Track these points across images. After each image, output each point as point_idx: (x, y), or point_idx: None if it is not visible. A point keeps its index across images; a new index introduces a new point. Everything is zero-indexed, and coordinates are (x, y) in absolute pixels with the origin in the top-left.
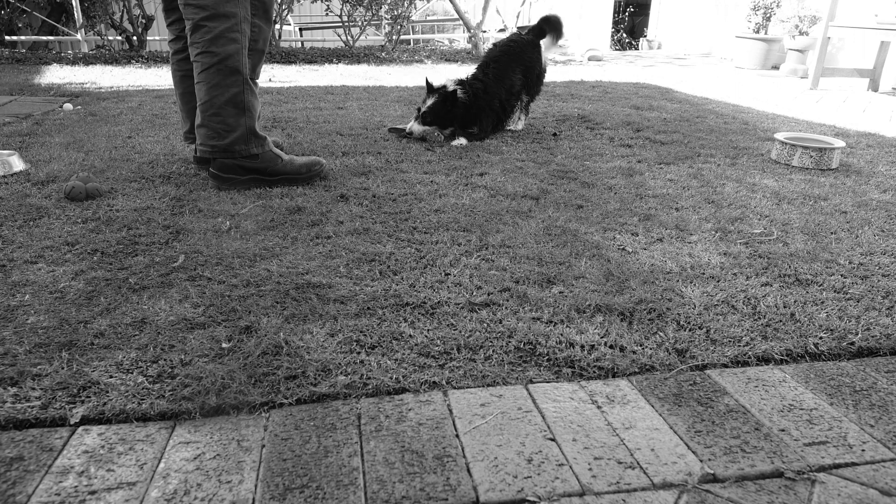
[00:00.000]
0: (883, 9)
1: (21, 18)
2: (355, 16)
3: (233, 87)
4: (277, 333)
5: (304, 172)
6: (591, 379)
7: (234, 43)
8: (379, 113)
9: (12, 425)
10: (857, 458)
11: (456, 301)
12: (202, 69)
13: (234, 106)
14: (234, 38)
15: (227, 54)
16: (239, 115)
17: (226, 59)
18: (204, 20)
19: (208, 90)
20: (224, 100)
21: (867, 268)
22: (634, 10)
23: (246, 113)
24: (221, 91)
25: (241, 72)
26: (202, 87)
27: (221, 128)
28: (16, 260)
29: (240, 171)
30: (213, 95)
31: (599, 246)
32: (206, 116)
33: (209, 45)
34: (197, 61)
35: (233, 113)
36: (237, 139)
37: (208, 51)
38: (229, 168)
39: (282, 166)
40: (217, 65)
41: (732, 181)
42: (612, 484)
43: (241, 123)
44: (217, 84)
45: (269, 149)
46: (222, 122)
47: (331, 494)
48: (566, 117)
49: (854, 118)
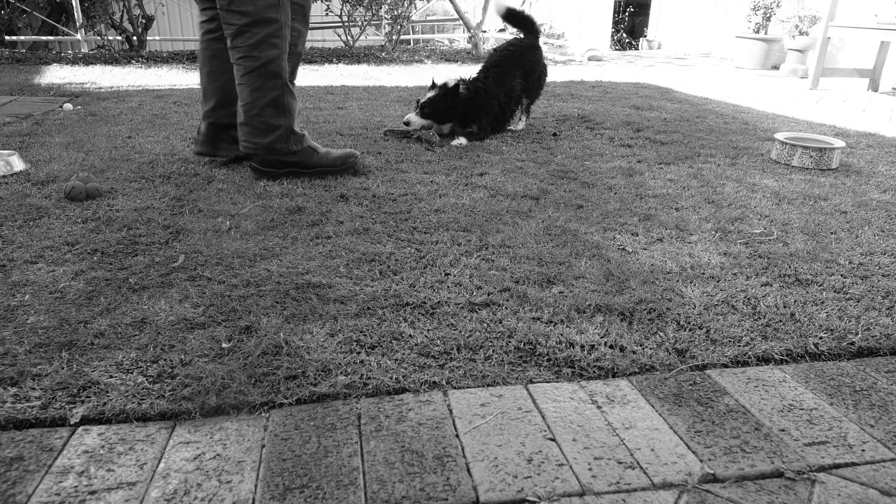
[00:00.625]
0: (883, 9)
1: (21, 18)
2: (355, 16)
3: (273, 91)
4: (277, 333)
5: (339, 164)
6: (591, 379)
7: (276, 48)
8: (379, 113)
9: (12, 425)
10: (857, 458)
11: (456, 301)
12: (245, 72)
13: (274, 107)
14: (275, 44)
15: (268, 59)
16: (279, 115)
17: (267, 63)
18: (247, 26)
19: (251, 92)
20: (265, 102)
21: (867, 268)
22: (634, 10)
23: (286, 114)
24: (263, 94)
25: (282, 76)
26: (244, 89)
27: (263, 127)
28: (16, 260)
29: (279, 164)
30: (255, 97)
31: (599, 246)
32: (248, 116)
33: (251, 49)
34: (238, 64)
35: (273, 114)
36: (278, 138)
37: (250, 55)
38: (269, 163)
39: (318, 159)
40: (259, 69)
41: (732, 181)
42: (612, 484)
43: (282, 124)
44: (259, 87)
45: (307, 144)
46: (264, 122)
47: (331, 494)
48: (566, 117)
49: (854, 118)
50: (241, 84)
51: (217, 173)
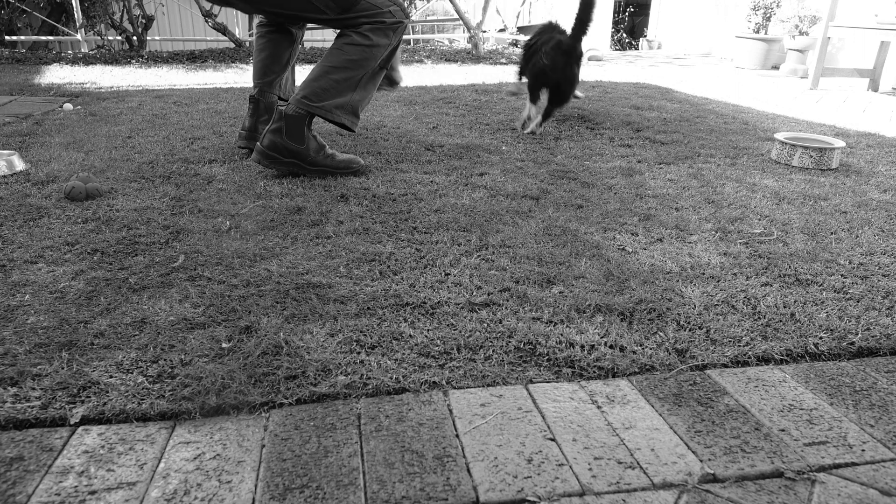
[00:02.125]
0: (883, 9)
1: (21, 18)
2: None
3: (362, 70)
4: (277, 333)
5: (342, 168)
6: (591, 379)
7: (388, 39)
8: (379, 113)
9: (12, 425)
10: (857, 458)
11: (456, 301)
12: (350, 42)
13: (353, 82)
14: (389, 35)
15: (378, 44)
16: (349, 90)
17: (375, 47)
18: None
19: (345, 60)
20: (349, 76)
21: (867, 268)
22: (634, 10)
23: (357, 90)
24: (354, 68)
25: (377, 61)
26: (340, 55)
27: (325, 94)
28: (16, 260)
29: (284, 151)
30: (344, 65)
31: (599, 246)
32: (317, 79)
33: (370, 31)
34: (348, 35)
35: (345, 88)
36: (338, 105)
37: (366, 34)
38: (276, 147)
39: (323, 158)
40: (366, 48)
41: (732, 181)
42: (612, 484)
43: (348, 97)
44: (354, 60)
45: (316, 136)
46: (333, 89)
47: (331, 494)
48: (566, 117)
49: (854, 118)
50: (339, 49)
51: (217, 173)
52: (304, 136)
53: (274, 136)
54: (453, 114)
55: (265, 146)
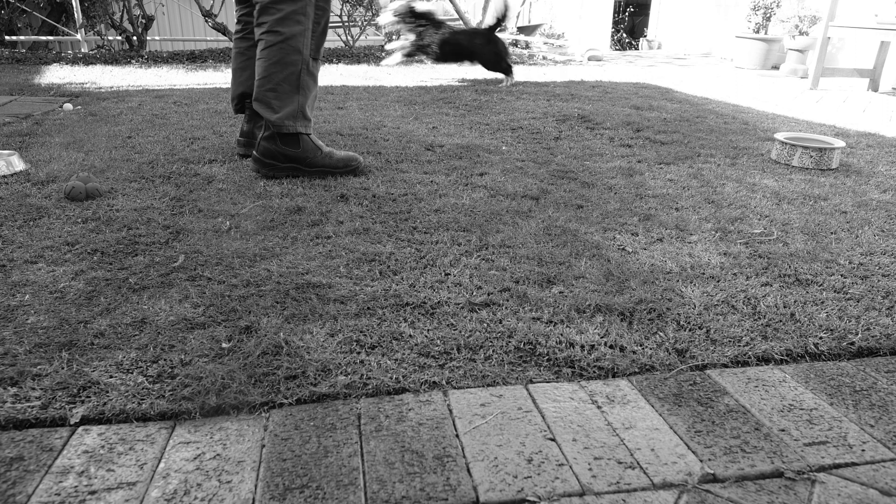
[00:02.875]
0: (883, 9)
1: (21, 18)
2: (355, 16)
3: (291, 66)
4: (277, 333)
5: (342, 167)
6: (591, 379)
7: (299, 25)
8: (379, 113)
9: (12, 425)
10: (857, 458)
11: (456, 301)
12: (266, 46)
13: (289, 84)
14: (299, 21)
15: (291, 34)
16: (293, 92)
17: (290, 38)
18: (274, 3)
19: (268, 66)
20: (282, 77)
21: (867, 268)
22: (634, 10)
23: (300, 91)
24: (280, 68)
25: (302, 52)
26: (262, 62)
27: (275, 103)
28: (16, 260)
29: (281, 157)
30: (271, 72)
31: (599, 246)
32: (262, 91)
33: (276, 24)
34: (262, 39)
35: (287, 90)
36: (288, 115)
37: (274, 30)
38: (272, 154)
39: (321, 158)
40: (280, 43)
41: (732, 181)
42: (612, 484)
43: (294, 101)
44: (277, 61)
45: (311, 136)
46: (277, 97)
47: (331, 494)
48: (566, 117)
49: (854, 118)
50: (261, 58)
51: (217, 173)
52: (298, 139)
53: (268, 143)
54: (453, 114)
55: (261, 154)
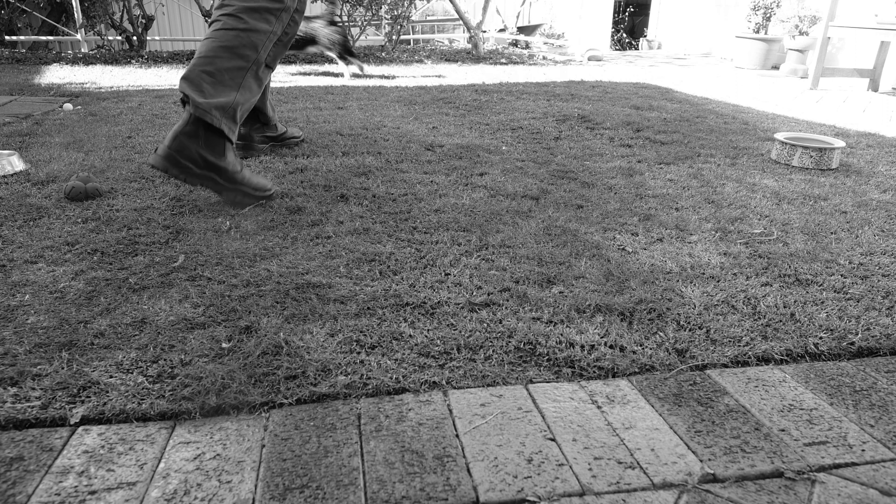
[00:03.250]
0: (883, 9)
1: (21, 18)
2: (355, 16)
3: (240, 60)
4: (277, 333)
5: (258, 193)
6: (591, 379)
7: (267, 24)
8: (379, 113)
9: (12, 425)
10: (857, 458)
11: (456, 301)
12: (222, 28)
13: (231, 77)
14: (268, 20)
15: (255, 28)
16: (232, 87)
17: (252, 31)
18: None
19: (216, 48)
20: (227, 65)
21: (867, 268)
22: (634, 10)
23: (240, 90)
24: (229, 56)
25: (259, 52)
26: (211, 42)
27: (208, 87)
28: (16, 260)
29: (200, 161)
30: (218, 55)
31: (599, 246)
32: (197, 70)
33: (243, 11)
34: (219, 20)
35: (227, 81)
36: (218, 105)
37: (239, 16)
38: (190, 154)
39: (242, 177)
40: (240, 31)
41: (732, 181)
42: (612, 484)
43: (230, 95)
44: (229, 47)
45: (233, 151)
46: (213, 83)
47: (331, 494)
48: (566, 117)
49: (854, 118)
50: (211, 38)
51: None
52: (224, 147)
53: (189, 140)
54: (453, 114)
55: (176, 150)
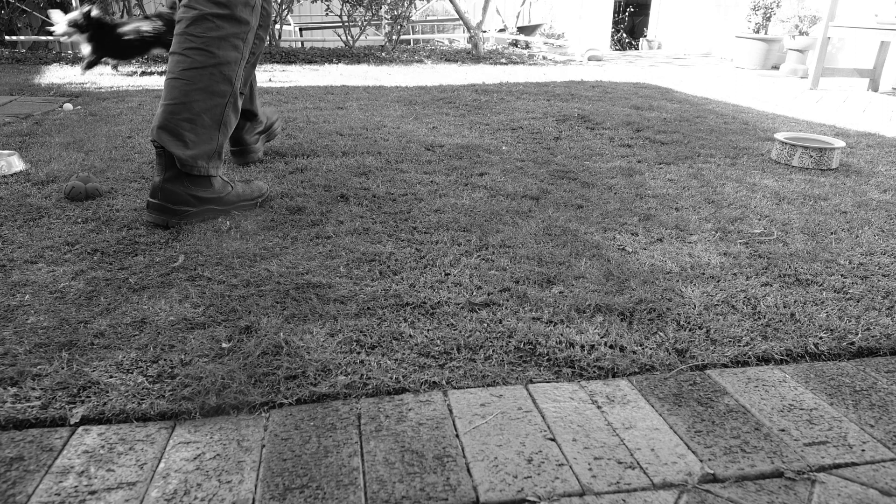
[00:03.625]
0: (883, 9)
1: (21, 18)
2: (355, 16)
3: (218, 98)
4: (277, 333)
5: (256, 197)
6: (591, 379)
7: (236, 51)
8: (379, 113)
9: (12, 425)
10: (857, 458)
11: (456, 301)
12: (191, 66)
13: (212, 117)
14: (236, 46)
15: (226, 60)
16: (213, 128)
17: (223, 64)
18: (215, 16)
19: (191, 91)
20: (205, 107)
21: (867, 268)
22: (634, 10)
23: (221, 128)
24: (206, 98)
25: (233, 83)
26: (183, 85)
27: (190, 136)
28: (16, 260)
29: (193, 202)
30: (194, 99)
31: (599, 246)
32: (175, 119)
33: (210, 43)
34: (185, 55)
35: (208, 125)
36: (203, 154)
37: (208, 50)
38: (181, 199)
39: (236, 194)
40: (213, 68)
41: (732, 181)
42: (612, 484)
43: (213, 139)
44: (204, 88)
45: (220, 175)
46: (194, 130)
47: (331, 494)
48: (566, 117)
49: (854, 118)
50: (180, 79)
51: None
52: (210, 179)
53: (175, 186)
54: (453, 114)
55: (166, 200)
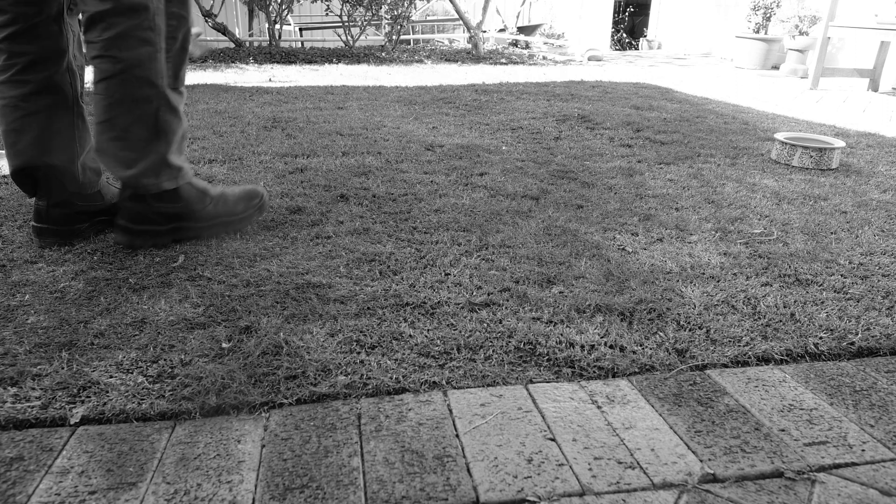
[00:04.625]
0: (883, 9)
1: None
2: (355, 16)
3: (142, 105)
4: (277, 333)
5: (241, 212)
6: (591, 379)
7: (146, 45)
8: (379, 113)
9: (12, 425)
10: (857, 458)
11: (456, 301)
12: (102, 77)
13: (143, 128)
14: (144, 39)
15: (136, 60)
16: (150, 139)
17: (134, 66)
18: (104, 14)
19: (109, 106)
20: (130, 120)
21: (867, 268)
22: (634, 10)
23: (160, 136)
24: (127, 109)
25: (156, 83)
26: (101, 101)
27: (126, 155)
28: (16, 260)
29: (160, 219)
30: (114, 114)
31: (599, 246)
32: (104, 140)
33: (110, 46)
34: (95, 67)
35: (142, 137)
36: (146, 170)
37: (109, 54)
38: (145, 217)
39: (213, 206)
40: (122, 74)
41: (732, 181)
42: (612, 484)
43: (153, 150)
44: (121, 99)
45: (189, 181)
46: (127, 147)
47: (331, 494)
48: (566, 117)
49: (854, 118)
50: (98, 94)
51: (217, 173)
52: (177, 190)
53: (136, 203)
54: (453, 114)
55: (130, 220)
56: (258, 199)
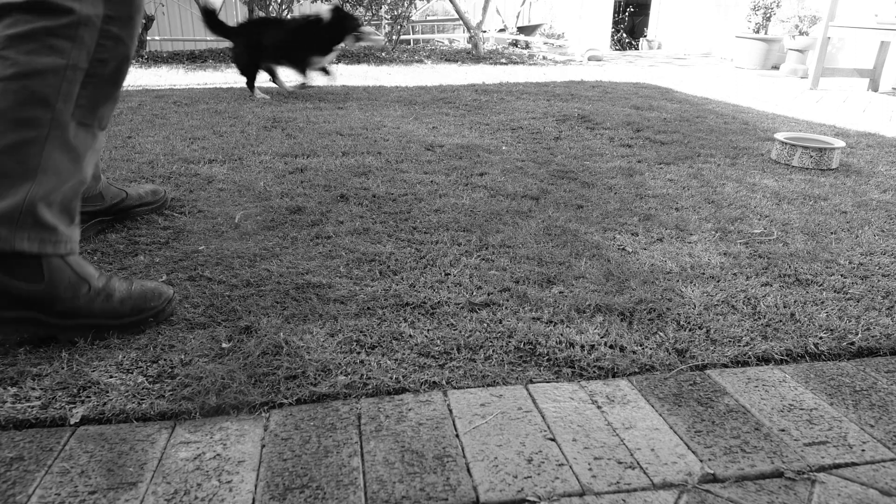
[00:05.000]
0: (883, 9)
1: None
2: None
3: (25, 127)
4: (277, 333)
5: (126, 315)
6: (591, 379)
7: (56, 55)
8: (379, 113)
9: (12, 425)
10: (857, 458)
11: (456, 301)
12: None
13: (15, 157)
14: (56, 48)
15: (34, 68)
16: (18, 174)
17: (31, 74)
18: (13, 7)
19: None
20: (4, 142)
21: (867, 268)
22: (634, 10)
23: (35, 176)
24: (4, 128)
25: (52, 105)
26: None
27: None
28: None
29: (4, 300)
30: None
31: (599, 246)
32: None
33: (7, 44)
34: None
35: (8, 167)
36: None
37: (2, 54)
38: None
39: (87, 302)
40: (12, 80)
41: (732, 181)
42: (612, 484)
43: (18, 192)
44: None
45: (69, 258)
46: None
47: (331, 494)
48: (566, 117)
49: (854, 118)
50: None
51: (217, 173)
52: (40, 265)
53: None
54: (453, 114)
55: None
56: (160, 302)
